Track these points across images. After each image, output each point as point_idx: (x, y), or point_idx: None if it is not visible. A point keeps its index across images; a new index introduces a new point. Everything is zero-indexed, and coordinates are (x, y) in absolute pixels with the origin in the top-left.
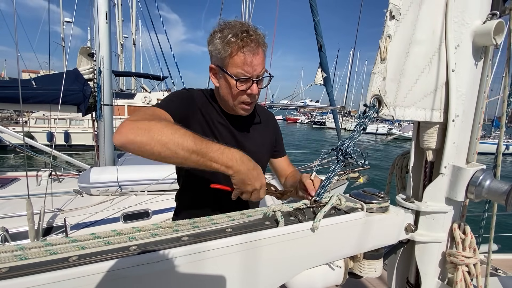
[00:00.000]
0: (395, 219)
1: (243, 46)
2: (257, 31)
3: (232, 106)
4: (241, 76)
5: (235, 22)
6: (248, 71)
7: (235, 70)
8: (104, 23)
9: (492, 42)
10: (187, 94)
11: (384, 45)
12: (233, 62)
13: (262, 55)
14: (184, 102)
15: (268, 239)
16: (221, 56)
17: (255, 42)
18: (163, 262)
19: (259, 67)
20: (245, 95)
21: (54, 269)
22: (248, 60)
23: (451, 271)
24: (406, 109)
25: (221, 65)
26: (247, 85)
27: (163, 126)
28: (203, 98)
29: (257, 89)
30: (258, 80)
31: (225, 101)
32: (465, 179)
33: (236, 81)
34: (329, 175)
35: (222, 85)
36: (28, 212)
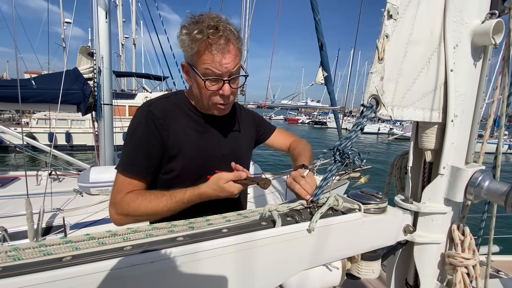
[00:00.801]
0: (393, 220)
1: (210, 44)
2: (227, 26)
3: (206, 105)
4: (211, 75)
5: (206, 15)
6: (218, 69)
7: (203, 68)
8: (104, 22)
9: (491, 41)
10: (147, 127)
11: (381, 44)
12: (201, 61)
13: (234, 51)
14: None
15: (264, 239)
16: (188, 54)
17: (224, 39)
18: (157, 262)
19: (230, 65)
20: (217, 96)
21: (48, 269)
22: (216, 59)
23: (450, 272)
24: (404, 109)
25: (190, 63)
26: (218, 85)
27: (138, 208)
28: (168, 110)
29: (229, 89)
30: (231, 79)
31: (199, 100)
32: (464, 179)
33: (204, 81)
34: (326, 176)
35: (194, 85)
36: (27, 211)
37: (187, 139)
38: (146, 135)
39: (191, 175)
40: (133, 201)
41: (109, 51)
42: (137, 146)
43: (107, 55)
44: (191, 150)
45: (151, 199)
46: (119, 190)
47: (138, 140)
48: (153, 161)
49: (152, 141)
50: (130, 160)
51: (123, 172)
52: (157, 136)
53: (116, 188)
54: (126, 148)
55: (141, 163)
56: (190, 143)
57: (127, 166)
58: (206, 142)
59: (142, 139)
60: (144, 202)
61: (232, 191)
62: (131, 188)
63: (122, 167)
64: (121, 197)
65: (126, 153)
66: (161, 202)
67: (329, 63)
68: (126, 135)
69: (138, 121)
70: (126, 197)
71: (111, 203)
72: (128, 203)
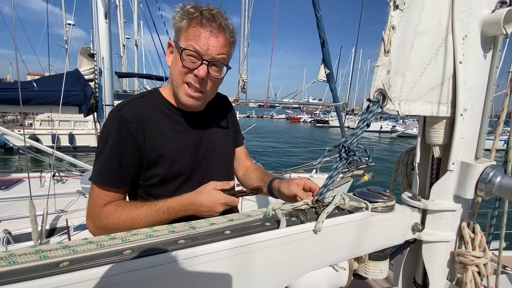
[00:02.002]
0: (401, 219)
1: (202, 23)
2: (223, 15)
3: (176, 89)
4: (191, 49)
5: (203, 5)
6: (200, 47)
7: (186, 42)
8: (104, 23)
9: (502, 31)
10: (120, 133)
11: (388, 36)
12: (186, 35)
13: (223, 41)
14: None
15: (269, 241)
16: (176, 27)
17: (218, 24)
18: (158, 267)
19: (215, 50)
20: (189, 74)
21: (44, 276)
22: (203, 36)
23: (460, 271)
24: (411, 104)
25: (175, 39)
26: (193, 63)
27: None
28: (141, 113)
29: (205, 72)
30: (210, 64)
31: (173, 86)
32: (475, 175)
33: (182, 50)
34: (332, 174)
35: (172, 63)
36: (31, 214)
37: (166, 141)
38: (119, 143)
39: (175, 179)
40: (112, 213)
41: (109, 52)
42: (110, 155)
43: (107, 56)
44: (172, 152)
45: (130, 210)
46: (96, 203)
47: (111, 148)
48: (129, 170)
49: (126, 148)
50: (104, 171)
51: (98, 183)
52: (131, 142)
53: (92, 200)
54: (99, 157)
55: (116, 174)
56: (170, 145)
57: (102, 177)
58: (188, 142)
59: (115, 147)
60: (123, 214)
61: (218, 198)
62: (109, 200)
63: (97, 179)
64: (99, 210)
65: (99, 163)
66: (141, 213)
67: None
68: (98, 143)
69: (110, 128)
70: (103, 209)
71: (88, 217)
72: (106, 216)
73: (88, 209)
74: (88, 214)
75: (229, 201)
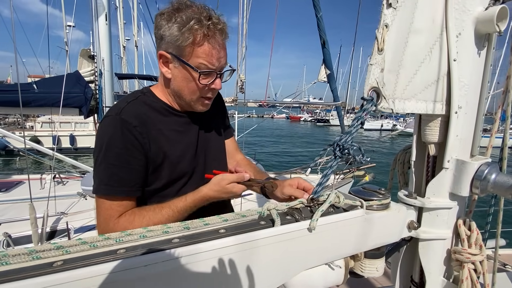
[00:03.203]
0: (396, 216)
1: (209, 36)
2: (220, 19)
3: (190, 101)
4: (204, 68)
5: (189, 2)
6: (213, 64)
7: (198, 61)
8: (104, 25)
9: (496, 29)
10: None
11: (381, 35)
12: (195, 53)
13: (225, 46)
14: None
15: (263, 239)
16: (179, 43)
17: (221, 32)
18: (152, 265)
19: (223, 60)
20: (206, 90)
21: (38, 275)
22: (214, 53)
23: (456, 268)
24: (406, 102)
25: (178, 54)
26: (210, 79)
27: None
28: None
29: (220, 84)
30: (222, 74)
31: (180, 96)
32: (470, 173)
33: (199, 74)
34: (326, 172)
35: (177, 77)
36: (31, 216)
37: (168, 143)
38: (126, 150)
39: (179, 179)
40: (131, 224)
41: (110, 53)
42: (118, 163)
43: (108, 57)
44: (176, 154)
45: (150, 216)
46: (109, 216)
47: (117, 156)
48: (140, 176)
49: (134, 154)
50: (114, 181)
51: (108, 195)
52: (138, 147)
53: (103, 214)
54: (104, 166)
55: (129, 182)
56: (173, 146)
57: (114, 188)
58: (187, 141)
59: (123, 154)
60: (143, 222)
61: (236, 191)
62: (122, 211)
63: (107, 190)
64: (114, 224)
65: (105, 172)
66: (163, 217)
67: (331, 61)
68: (97, 151)
69: (111, 134)
70: (119, 222)
71: (102, 232)
72: (125, 228)
73: (100, 225)
74: (101, 229)
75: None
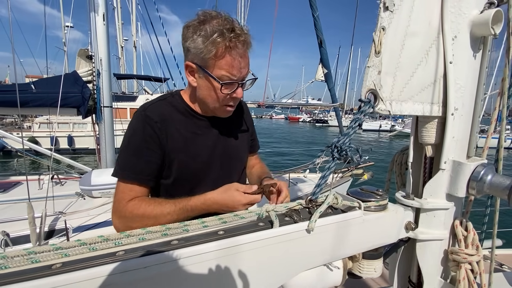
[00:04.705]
0: (394, 217)
1: (231, 48)
2: (243, 29)
3: (213, 108)
4: (227, 79)
5: (215, 14)
6: (234, 75)
7: (220, 72)
8: (102, 25)
9: (491, 32)
10: (145, 132)
11: (378, 37)
12: (218, 64)
13: (247, 56)
14: (146, 152)
15: (262, 241)
16: (203, 55)
17: (243, 43)
18: (151, 267)
19: (245, 70)
20: (228, 99)
21: (36, 278)
22: (235, 64)
23: (453, 269)
24: (403, 104)
25: (202, 65)
26: (231, 89)
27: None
28: (165, 113)
29: (242, 93)
30: (243, 83)
31: (204, 103)
32: (466, 174)
33: (221, 85)
34: (325, 173)
35: (202, 86)
36: (29, 215)
37: (184, 143)
38: (144, 141)
39: (189, 180)
40: (137, 208)
41: (107, 53)
42: (136, 152)
43: (105, 57)
44: (189, 154)
45: (154, 206)
46: (121, 199)
47: (136, 145)
48: (152, 167)
49: (150, 146)
50: (128, 167)
51: (123, 179)
52: (155, 140)
53: (117, 196)
54: (124, 154)
55: (141, 170)
56: (187, 146)
57: (127, 173)
58: (204, 144)
59: (141, 145)
60: (147, 209)
61: (240, 199)
62: (133, 195)
63: (121, 174)
64: (123, 205)
65: (124, 159)
66: (165, 209)
67: (329, 60)
68: (123, 141)
69: (135, 127)
70: (128, 205)
71: (114, 212)
72: (131, 211)
73: (113, 205)
74: (113, 209)
75: (250, 201)
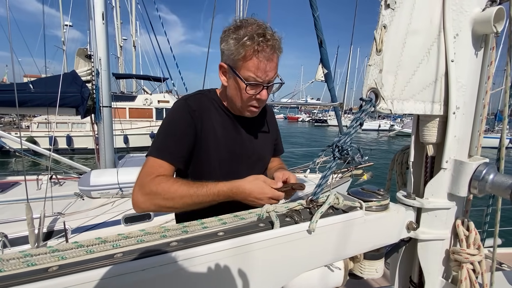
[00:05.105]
0: (395, 217)
1: (258, 51)
2: (274, 35)
3: (239, 107)
4: (252, 81)
5: (252, 21)
6: (260, 77)
7: (247, 74)
8: (101, 24)
9: (493, 30)
10: (183, 117)
11: (379, 35)
12: (245, 66)
13: (276, 60)
14: (181, 135)
15: (263, 242)
16: (233, 57)
17: (271, 48)
18: (150, 270)
19: (271, 73)
20: (253, 100)
21: (32, 281)
22: (261, 66)
23: (455, 269)
24: (404, 102)
25: (232, 65)
26: (256, 90)
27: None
28: (203, 105)
29: (266, 95)
30: (269, 86)
31: (232, 102)
32: (468, 173)
33: (246, 85)
34: (326, 173)
35: (231, 86)
36: (28, 216)
37: (214, 135)
38: (181, 125)
39: (209, 172)
40: (164, 182)
41: (107, 52)
42: (171, 134)
43: (105, 57)
44: (217, 146)
45: (181, 184)
46: (149, 173)
47: (173, 128)
48: (183, 149)
49: (186, 130)
50: (163, 146)
51: (155, 156)
52: (191, 125)
53: (145, 170)
54: (161, 136)
55: (174, 150)
56: (217, 139)
57: (160, 152)
58: (231, 141)
59: (177, 128)
60: (174, 186)
61: (267, 192)
62: (161, 172)
63: (155, 152)
64: (151, 179)
65: (159, 140)
66: (191, 190)
67: (329, 60)
68: (162, 124)
69: (174, 112)
70: (156, 178)
71: (138, 185)
72: (158, 183)
73: (138, 178)
74: (138, 182)
75: (275, 196)
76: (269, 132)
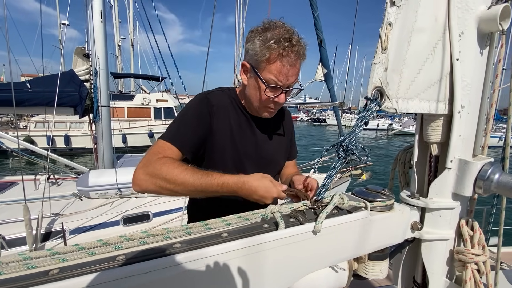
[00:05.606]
0: (400, 217)
1: (282, 56)
2: (300, 41)
3: (256, 108)
4: (273, 83)
5: (280, 24)
6: (280, 81)
7: (268, 76)
8: (99, 23)
9: (498, 28)
10: (200, 110)
11: (385, 33)
12: (268, 68)
13: (298, 66)
14: (195, 125)
15: (267, 243)
16: (257, 58)
17: (296, 53)
18: (153, 272)
19: (292, 78)
20: (271, 102)
21: (33, 284)
22: (284, 71)
23: (459, 269)
24: (409, 101)
25: (255, 66)
26: (275, 93)
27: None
28: (222, 102)
29: (284, 99)
30: (288, 90)
31: (249, 101)
32: (473, 173)
33: (266, 87)
34: (330, 173)
35: (251, 85)
36: (25, 217)
37: (230, 132)
38: (197, 117)
39: (222, 167)
40: (169, 163)
41: (105, 52)
42: (186, 123)
43: (103, 56)
44: (231, 143)
45: (186, 167)
46: (157, 152)
47: (188, 118)
48: (196, 141)
49: (201, 122)
50: (175, 133)
51: (166, 140)
52: (207, 119)
53: (153, 150)
54: (175, 123)
55: (186, 139)
56: (233, 136)
57: (172, 137)
58: (246, 141)
59: (192, 119)
60: (179, 168)
61: (272, 191)
62: (169, 154)
63: (166, 136)
64: (158, 158)
65: (173, 127)
66: (195, 175)
67: (328, 60)
68: (179, 113)
69: (193, 104)
70: (162, 158)
71: (142, 163)
72: (162, 164)
73: (145, 157)
74: (143, 160)
75: (281, 197)
76: (284, 135)
